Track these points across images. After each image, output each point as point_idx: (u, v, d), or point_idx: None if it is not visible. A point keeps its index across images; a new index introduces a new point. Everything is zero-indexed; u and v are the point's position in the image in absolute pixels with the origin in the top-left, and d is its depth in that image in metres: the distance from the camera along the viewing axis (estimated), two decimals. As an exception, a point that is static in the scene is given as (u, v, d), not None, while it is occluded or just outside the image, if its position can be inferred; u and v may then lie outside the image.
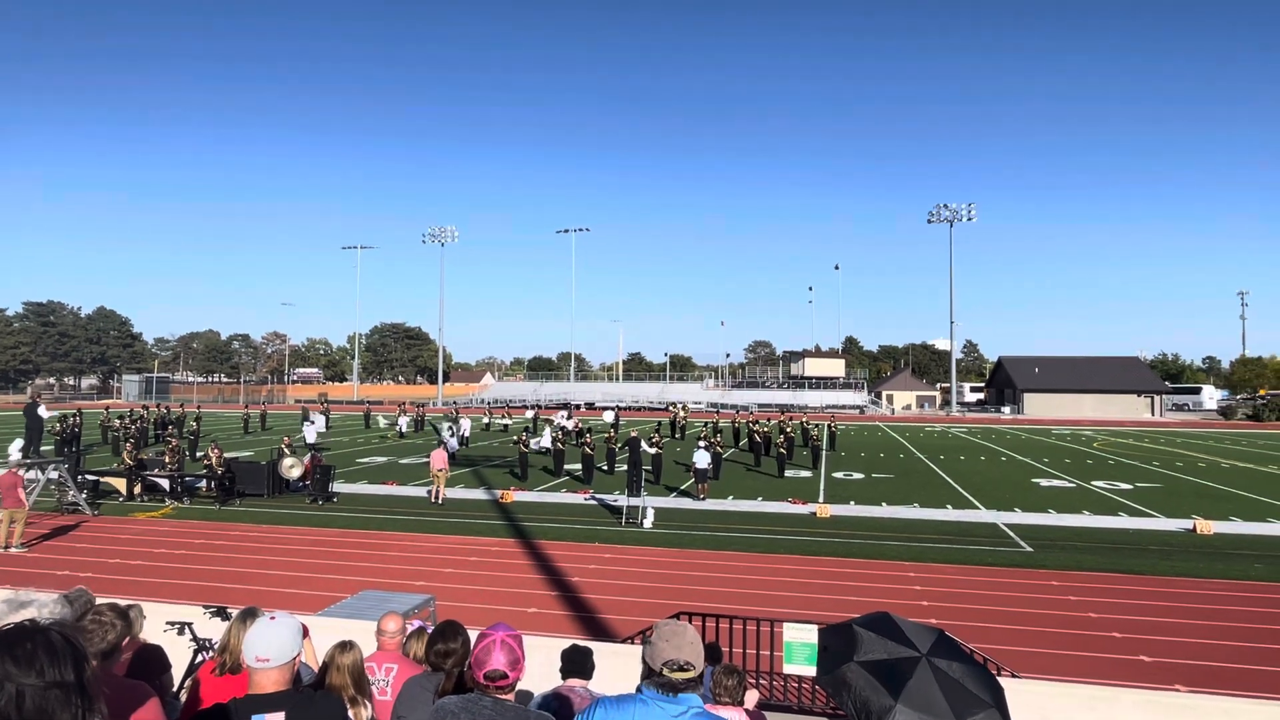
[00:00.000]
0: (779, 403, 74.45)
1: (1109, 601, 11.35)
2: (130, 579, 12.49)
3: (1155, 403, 74.05)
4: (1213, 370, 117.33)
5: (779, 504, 19.87)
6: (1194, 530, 16.55)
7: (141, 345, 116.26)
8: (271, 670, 2.67)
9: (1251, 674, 8.74)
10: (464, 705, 2.59)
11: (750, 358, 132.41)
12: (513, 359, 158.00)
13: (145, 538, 15.61)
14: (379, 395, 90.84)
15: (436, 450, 20.70)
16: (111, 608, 3.24)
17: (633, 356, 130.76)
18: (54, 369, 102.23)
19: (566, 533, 16.07)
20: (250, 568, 13.21)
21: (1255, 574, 13.06)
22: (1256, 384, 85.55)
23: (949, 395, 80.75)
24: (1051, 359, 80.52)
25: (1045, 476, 26.20)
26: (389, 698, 3.99)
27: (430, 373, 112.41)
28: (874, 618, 2.30)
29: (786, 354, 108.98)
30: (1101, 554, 14.43)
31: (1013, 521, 17.72)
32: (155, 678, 3.88)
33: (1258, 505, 20.46)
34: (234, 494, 19.60)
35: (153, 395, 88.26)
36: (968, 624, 10.16)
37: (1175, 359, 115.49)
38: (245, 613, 3.80)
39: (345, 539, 15.46)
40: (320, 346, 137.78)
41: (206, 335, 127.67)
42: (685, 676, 2.33)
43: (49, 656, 1.40)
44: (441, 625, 3.86)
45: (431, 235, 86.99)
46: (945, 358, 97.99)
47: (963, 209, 75.43)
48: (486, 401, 77.64)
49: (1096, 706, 5.86)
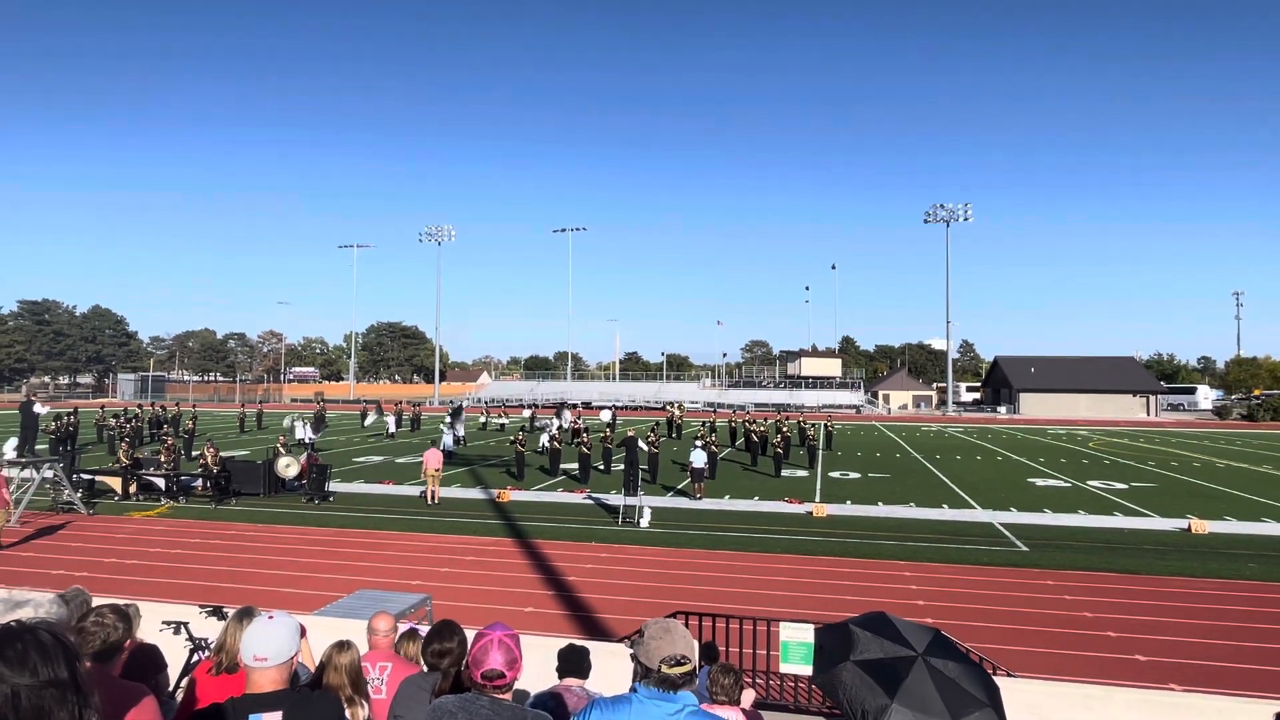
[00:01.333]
0: (776, 402, 74.53)
1: (1104, 601, 11.38)
2: (126, 578, 12.46)
3: (1150, 403, 74.24)
4: (1208, 370, 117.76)
5: (776, 503, 19.90)
6: (1189, 530, 16.61)
7: (137, 344, 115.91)
8: (269, 669, 2.66)
9: (1246, 673, 8.77)
10: (461, 705, 2.59)
11: (747, 357, 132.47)
12: (509, 358, 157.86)
13: (141, 537, 15.57)
14: (375, 395, 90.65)
15: (430, 450, 20.67)
16: (112, 609, 3.24)
17: (629, 356, 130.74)
18: (49, 367, 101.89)
19: (563, 532, 16.07)
20: (246, 567, 13.19)
21: (1249, 573, 13.12)
22: (1251, 384, 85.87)
23: (945, 395, 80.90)
24: (1047, 359, 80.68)
25: (1041, 476, 26.27)
26: (384, 696, 3.99)
27: (427, 372, 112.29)
28: (870, 617, 2.31)
29: (783, 354, 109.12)
30: (1097, 553, 14.47)
31: (1008, 521, 17.76)
32: (151, 678, 3.87)
33: (1252, 505, 20.54)
34: (230, 493, 19.57)
35: (148, 394, 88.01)
36: (964, 623, 10.18)
37: (1170, 359, 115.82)
38: (242, 612, 3.79)
39: (341, 538, 15.44)
40: (316, 346, 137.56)
41: (202, 334, 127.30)
42: (684, 670, 2.34)
43: (41, 655, 1.40)
44: (438, 625, 3.85)
45: (428, 234, 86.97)
46: (941, 357, 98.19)
47: (959, 209, 75.61)
48: (483, 400, 77.55)
49: (1091, 705, 5.88)
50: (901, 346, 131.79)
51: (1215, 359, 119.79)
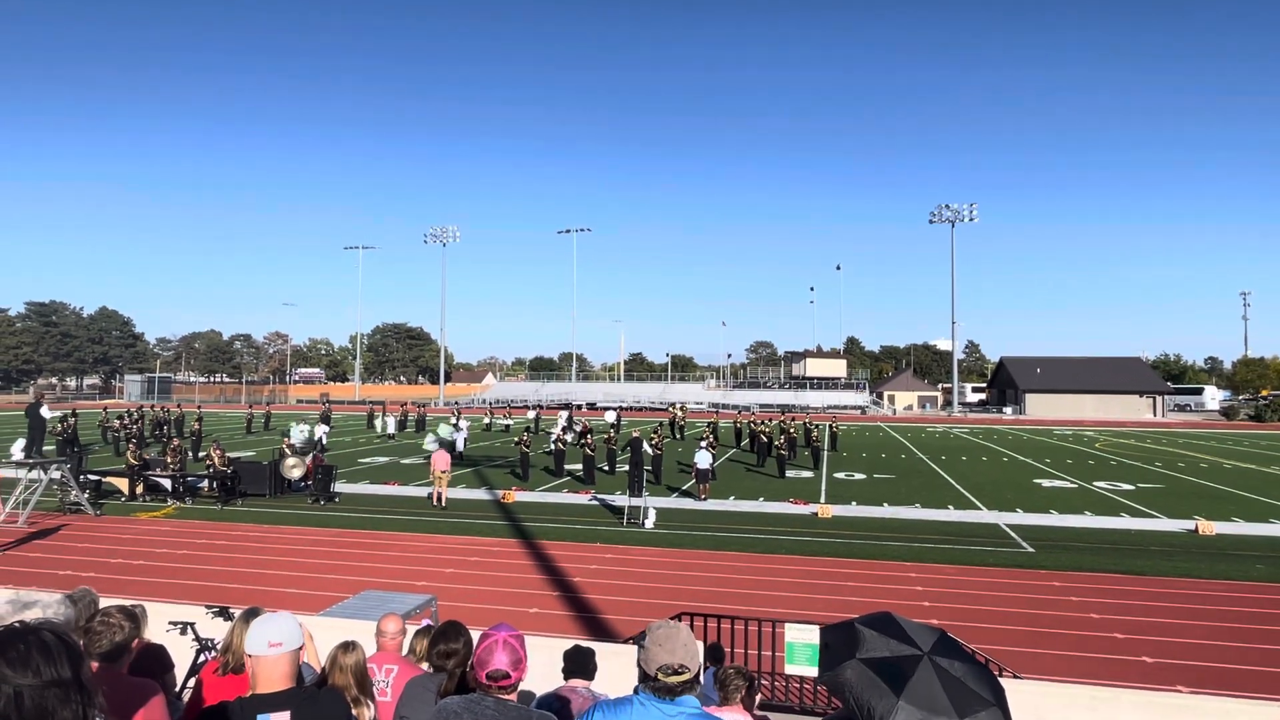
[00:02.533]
0: (780, 403, 74.46)
1: (1111, 602, 11.34)
2: (133, 579, 12.51)
3: (1157, 403, 73.95)
4: (1215, 371, 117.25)
5: (780, 504, 19.87)
6: (1196, 531, 16.53)
7: (144, 345, 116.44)
8: (284, 656, 2.68)
9: (1253, 675, 8.72)
10: (466, 705, 2.60)
11: (752, 358, 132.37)
12: (514, 359, 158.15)
13: (147, 538, 15.63)
14: (381, 395, 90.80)
15: (438, 451, 20.68)
16: (120, 609, 3.25)
17: (634, 357, 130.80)
18: (56, 369, 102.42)
19: (568, 533, 16.08)
20: (252, 568, 13.23)
21: (1257, 574, 13.05)
22: (1259, 384, 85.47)
23: (950, 395, 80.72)
24: (1053, 359, 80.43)
25: (1047, 477, 26.18)
26: (389, 698, 4.00)
27: (432, 373, 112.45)
28: (876, 617, 2.31)
29: (788, 354, 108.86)
30: (1103, 554, 14.42)
31: (1014, 522, 17.71)
32: (158, 678, 3.87)
33: (1259, 506, 20.44)
34: (236, 494, 19.63)
35: (155, 395, 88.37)
36: (969, 624, 10.16)
37: (1177, 359, 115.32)
38: (248, 613, 3.81)
39: (347, 539, 15.47)
40: (322, 347, 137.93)
41: (208, 335, 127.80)
42: (680, 680, 2.33)
43: (44, 656, 1.41)
44: (443, 625, 3.86)
45: (433, 235, 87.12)
46: (947, 358, 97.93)
47: (964, 209, 75.47)
48: (487, 401, 77.63)
49: (1097, 707, 5.86)
50: (907, 347, 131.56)
51: (1222, 359, 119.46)
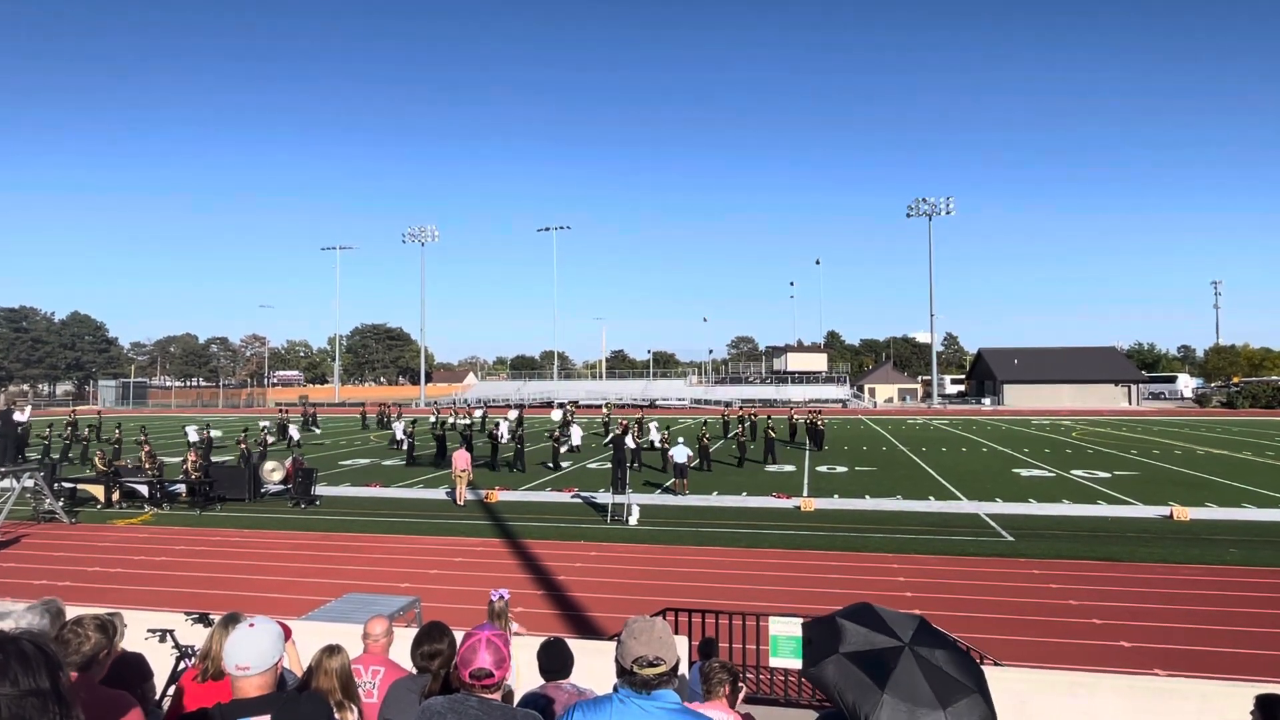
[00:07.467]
0: (763, 398, 74.79)
1: (1088, 589, 11.52)
2: (110, 587, 12.32)
3: (1132, 392, 75.18)
4: (1188, 359, 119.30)
5: (764, 499, 19.96)
6: (1171, 517, 16.83)
7: (117, 350, 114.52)
8: (253, 677, 2.65)
9: (1228, 657, 8.90)
10: (450, 705, 2.59)
11: (733, 353, 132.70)
12: (495, 358, 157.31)
13: (124, 545, 15.40)
14: (361, 397, 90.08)
15: (458, 451, 20.53)
16: (93, 619, 3.21)
17: (616, 354, 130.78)
18: (27, 375, 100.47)
19: (552, 531, 16.05)
20: (232, 573, 13.07)
21: (1231, 559, 13.31)
22: (1230, 372, 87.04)
23: (930, 388, 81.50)
24: (1030, 350, 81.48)
25: (1025, 466, 26.52)
26: (375, 700, 3.98)
27: (412, 373, 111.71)
28: (855, 609, 2.33)
29: (769, 349, 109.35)
30: (1081, 542, 14.63)
31: (994, 511, 17.92)
32: (136, 686, 3.82)
33: (1233, 491, 20.84)
34: (214, 499, 19.38)
35: (130, 401, 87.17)
36: (950, 613, 10.27)
37: (1151, 348, 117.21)
38: (227, 618, 3.77)
39: (328, 542, 15.34)
40: (300, 349, 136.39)
41: (184, 339, 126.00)
42: (656, 672, 2.34)
43: (22, 665, 1.39)
44: (427, 626, 3.84)
45: (411, 235, 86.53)
46: (926, 350, 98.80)
47: (941, 203, 76.18)
48: (457, 401, 77.15)
49: (1077, 693, 5.94)
50: (886, 340, 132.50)
51: (1195, 348, 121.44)
